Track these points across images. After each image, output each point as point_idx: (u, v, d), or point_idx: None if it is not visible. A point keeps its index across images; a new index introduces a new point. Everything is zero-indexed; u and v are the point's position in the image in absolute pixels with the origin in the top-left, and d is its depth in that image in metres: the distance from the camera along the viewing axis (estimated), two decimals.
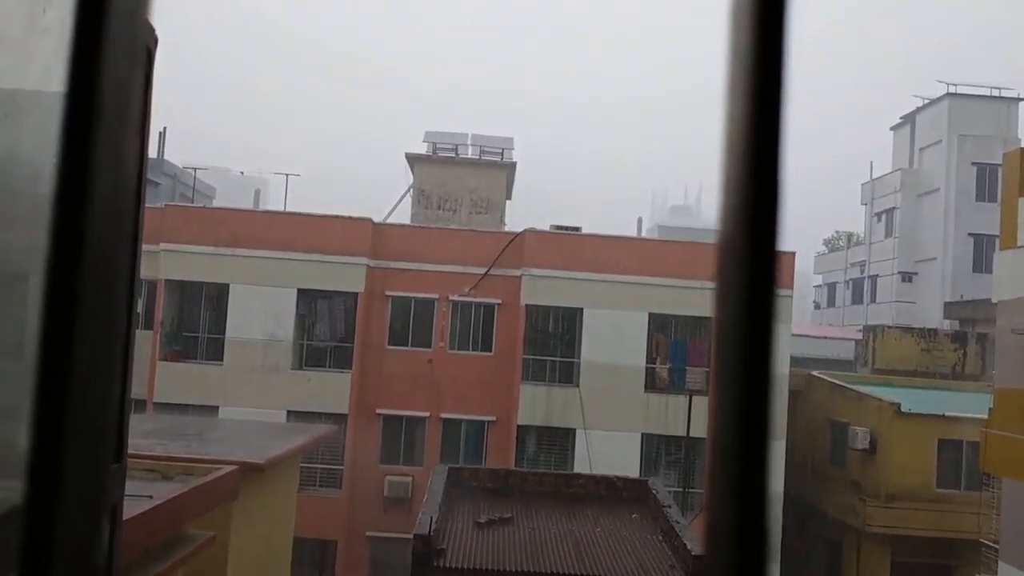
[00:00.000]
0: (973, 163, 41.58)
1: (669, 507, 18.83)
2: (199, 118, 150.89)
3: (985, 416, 19.91)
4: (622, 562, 15.61)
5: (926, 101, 45.92)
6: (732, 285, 0.80)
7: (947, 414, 24.97)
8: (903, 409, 25.04)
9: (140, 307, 25.58)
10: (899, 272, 45.16)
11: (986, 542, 19.20)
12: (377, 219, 27.04)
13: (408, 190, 30.03)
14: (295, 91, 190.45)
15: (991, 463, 18.69)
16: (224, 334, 25.38)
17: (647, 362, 25.55)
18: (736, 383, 0.80)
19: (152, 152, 34.85)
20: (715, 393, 0.83)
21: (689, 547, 15.58)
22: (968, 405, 24.45)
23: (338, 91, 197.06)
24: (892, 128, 50.06)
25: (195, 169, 36.74)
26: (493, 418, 25.61)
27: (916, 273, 44.69)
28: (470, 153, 30.48)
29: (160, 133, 35.58)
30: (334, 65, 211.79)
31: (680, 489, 24.35)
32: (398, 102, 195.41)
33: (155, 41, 3.22)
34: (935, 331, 33.32)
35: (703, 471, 25.30)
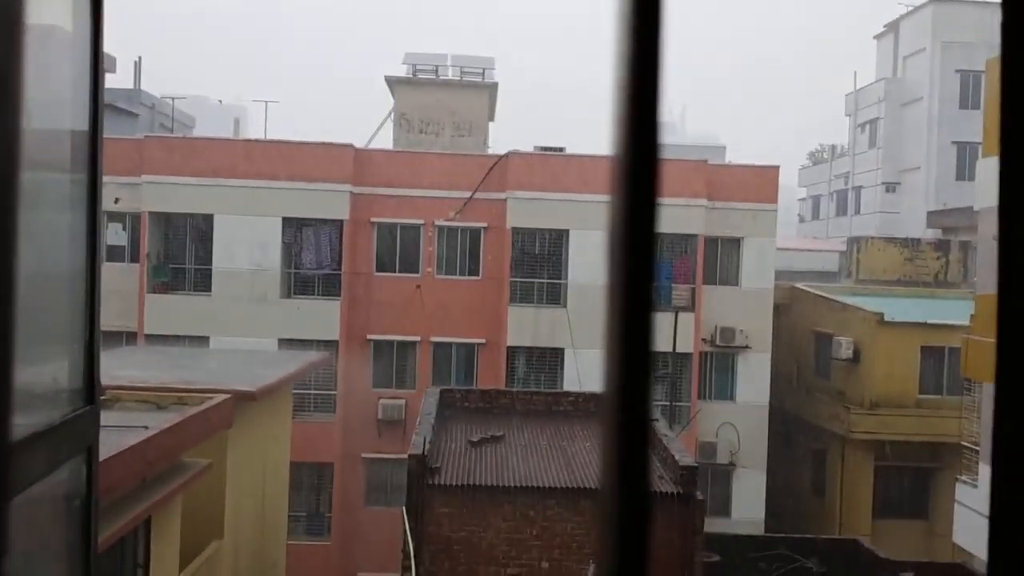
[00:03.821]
0: (957, 70, 41.27)
1: (657, 420, 19.23)
2: (175, 46, 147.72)
3: (967, 323, 20.22)
4: None
5: (910, 8, 45.34)
6: (622, 196, 0.85)
7: (929, 322, 25.33)
8: (886, 318, 25.38)
9: (126, 240, 25.48)
10: (883, 183, 45.20)
11: (967, 444, 19.67)
12: (359, 145, 26.81)
13: (389, 114, 29.66)
14: (270, 14, 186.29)
15: (972, 368, 19.02)
16: (211, 265, 25.38)
17: None
18: (622, 293, 0.85)
19: (128, 83, 34.23)
20: (608, 304, 0.87)
21: (677, 458, 15.95)
22: (950, 312, 24.76)
23: (315, 11, 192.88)
24: (876, 37, 49.52)
25: (173, 99, 36.14)
26: (483, 340, 25.85)
27: (900, 183, 44.75)
28: (450, 74, 30.02)
29: (135, 63, 34.90)
30: None
31: (667, 403, 24.81)
32: (378, 22, 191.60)
33: None
34: (918, 240, 33.55)
35: (689, 385, 25.74)
